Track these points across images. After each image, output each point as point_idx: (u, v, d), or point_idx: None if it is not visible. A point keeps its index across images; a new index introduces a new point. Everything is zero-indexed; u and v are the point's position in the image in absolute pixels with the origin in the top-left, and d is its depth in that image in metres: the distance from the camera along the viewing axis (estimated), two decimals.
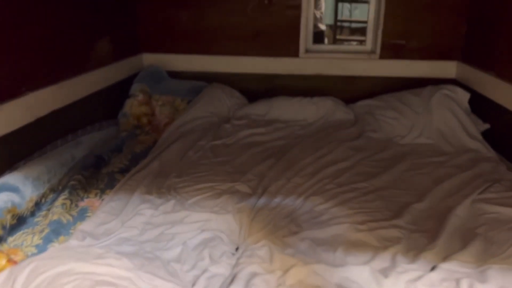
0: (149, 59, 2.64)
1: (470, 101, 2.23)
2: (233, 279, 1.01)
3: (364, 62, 2.62)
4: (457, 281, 1.04)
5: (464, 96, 2.20)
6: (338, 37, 4.55)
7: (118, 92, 2.36)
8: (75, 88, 1.91)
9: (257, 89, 2.61)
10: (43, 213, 1.45)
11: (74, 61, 1.92)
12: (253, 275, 1.02)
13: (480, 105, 2.19)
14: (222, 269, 1.07)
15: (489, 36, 2.17)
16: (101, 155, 1.87)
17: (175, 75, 2.61)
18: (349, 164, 1.75)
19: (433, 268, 1.10)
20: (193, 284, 1.01)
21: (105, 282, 0.92)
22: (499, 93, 2.02)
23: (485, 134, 2.10)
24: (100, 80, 2.13)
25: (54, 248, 1.13)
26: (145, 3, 2.56)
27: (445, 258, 1.14)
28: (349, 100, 2.53)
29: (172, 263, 1.10)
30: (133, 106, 2.34)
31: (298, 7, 2.56)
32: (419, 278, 1.04)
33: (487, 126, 2.11)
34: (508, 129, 1.96)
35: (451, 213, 1.36)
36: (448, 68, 2.54)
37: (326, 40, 4.17)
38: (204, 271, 1.06)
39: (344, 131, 2.15)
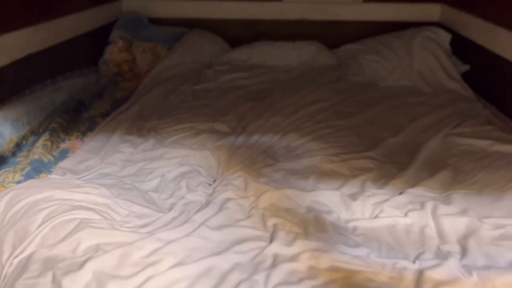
0: (129, 5, 2.57)
1: (453, 44, 2.23)
2: (208, 204, 1.05)
3: (348, 6, 2.58)
4: (422, 204, 1.09)
5: (445, 38, 2.20)
6: None
7: (98, 39, 2.32)
8: (52, 32, 1.87)
9: (240, 36, 2.57)
10: (24, 153, 1.46)
11: (50, 3, 1.88)
12: (227, 200, 1.07)
13: (462, 47, 2.20)
14: (198, 197, 1.11)
15: None
16: (82, 100, 1.87)
17: (155, 21, 2.56)
18: (328, 104, 1.77)
19: (400, 194, 1.15)
20: (170, 210, 1.05)
21: (82, 207, 0.96)
22: (480, 34, 2.03)
23: (465, 75, 2.12)
24: (78, 25, 2.09)
25: (33, 179, 1.16)
26: None
27: (413, 185, 1.19)
28: (332, 45, 2.51)
29: (150, 193, 1.14)
30: (114, 52, 2.31)
31: None
32: (385, 200, 1.09)
33: (466, 67, 2.13)
34: (488, 69, 1.98)
35: (423, 146, 1.40)
36: (432, 11, 2.52)
37: None
38: (181, 198, 1.10)
39: (326, 75, 2.16)
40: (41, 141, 1.51)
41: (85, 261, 0.82)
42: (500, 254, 0.92)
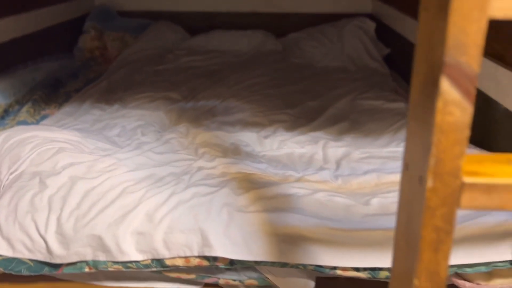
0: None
1: (379, 32, 2.64)
2: (155, 141, 1.41)
3: (294, 0, 2.98)
4: (317, 141, 1.47)
5: (371, 26, 2.61)
6: None
7: (73, 29, 2.65)
8: (32, 21, 2.20)
9: (199, 26, 2.93)
10: (11, 117, 1.79)
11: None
12: (171, 138, 1.43)
13: (386, 34, 2.60)
14: (149, 139, 1.46)
15: None
16: (59, 78, 2.20)
17: (124, 14, 2.90)
18: (266, 79, 2.15)
19: (303, 135, 1.52)
20: (125, 147, 1.40)
21: (59, 141, 1.30)
22: (399, 24, 2.43)
23: (388, 57, 2.53)
24: (55, 15, 2.43)
25: (21, 125, 1.49)
26: None
27: (316, 131, 1.57)
28: (280, 34, 2.89)
29: (112, 137, 1.49)
30: (87, 41, 2.64)
31: None
32: (289, 138, 1.47)
33: (387, 50, 2.53)
34: (402, 51, 2.39)
35: (332, 106, 1.79)
36: (365, 4, 2.93)
37: None
38: (136, 140, 1.45)
39: (270, 57, 2.54)
40: (25, 108, 1.84)
41: (62, 170, 1.16)
42: (360, 167, 1.31)
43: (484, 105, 1.41)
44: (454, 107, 0.50)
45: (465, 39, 0.47)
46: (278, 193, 1.11)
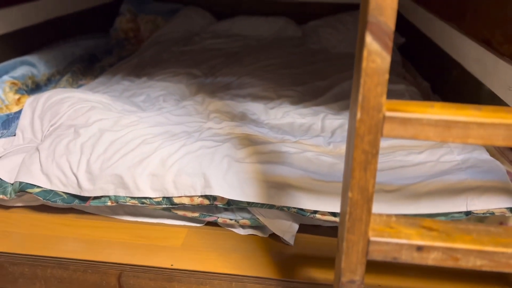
0: None
1: (396, 22, 2.74)
2: (173, 106, 1.61)
3: None
4: (317, 114, 1.63)
5: None
6: None
7: (110, 11, 2.89)
8: (75, 1, 2.45)
9: (225, 12, 3.12)
10: (53, 85, 2.04)
11: None
12: (188, 105, 1.63)
13: (401, 25, 2.71)
14: (169, 105, 1.67)
15: None
16: (95, 54, 2.45)
17: (157, 0, 3.13)
18: (281, 61, 2.31)
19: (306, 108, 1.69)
20: (148, 110, 1.60)
21: (92, 101, 1.52)
22: (413, 15, 2.54)
23: (402, 47, 2.64)
24: None
25: (60, 89, 1.73)
26: None
27: (318, 105, 1.73)
28: (301, 21, 3.05)
29: (138, 103, 1.70)
30: (122, 22, 2.88)
31: None
32: (293, 110, 1.64)
33: (403, 40, 2.65)
34: (416, 42, 2.50)
35: (338, 86, 1.94)
36: None
37: None
38: (158, 105, 1.66)
39: (289, 42, 2.70)
40: (64, 78, 2.09)
41: (93, 123, 1.38)
42: None
43: (472, 86, 1.53)
44: (375, 56, 0.66)
45: (382, 3, 0.64)
46: (272, 149, 1.29)
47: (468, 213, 1.08)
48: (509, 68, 1.25)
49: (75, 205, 1.28)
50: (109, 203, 1.24)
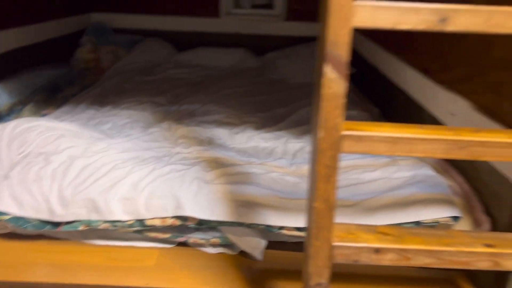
0: (96, 17, 3.21)
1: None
2: (141, 133, 1.67)
3: (273, 24, 3.30)
4: (279, 138, 1.74)
5: None
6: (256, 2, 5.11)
7: (71, 42, 2.92)
8: (37, 32, 2.47)
9: (186, 43, 3.23)
10: (15, 115, 2.04)
11: (34, 10, 2.48)
12: (155, 131, 1.69)
13: (353, 56, 2.91)
14: (136, 132, 1.72)
15: None
16: (57, 84, 2.46)
17: (118, 31, 3.19)
18: (243, 90, 2.43)
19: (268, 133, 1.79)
20: (116, 137, 1.65)
21: (60, 129, 1.55)
22: (362, 48, 2.76)
23: (354, 76, 2.84)
24: (56, 29, 2.70)
25: (27, 117, 1.74)
26: None
27: (280, 130, 1.84)
28: (261, 53, 3.21)
29: (105, 130, 1.74)
30: (83, 53, 2.92)
31: None
32: (256, 135, 1.74)
33: (354, 70, 2.85)
34: (366, 72, 2.71)
35: (296, 113, 2.07)
36: None
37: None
38: (125, 132, 1.71)
39: (249, 73, 2.83)
40: (27, 108, 2.09)
41: (63, 150, 1.41)
42: None
43: (416, 112, 1.70)
44: (333, 83, 0.77)
45: (338, 39, 0.76)
46: (239, 171, 1.37)
47: (417, 223, 1.20)
48: (446, 95, 1.42)
49: (46, 231, 1.30)
50: (81, 228, 1.26)
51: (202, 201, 1.24)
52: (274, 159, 1.57)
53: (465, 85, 1.34)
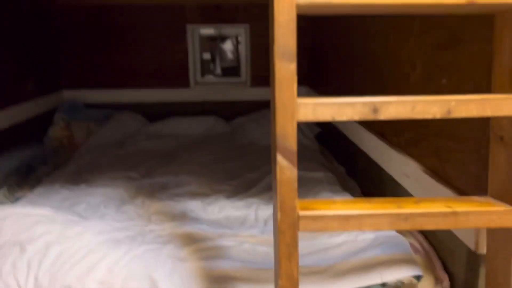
0: (68, 94, 3.31)
1: None
2: (114, 212, 1.71)
3: (240, 90, 3.47)
4: (250, 205, 1.81)
5: None
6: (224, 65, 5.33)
7: (43, 121, 2.99)
8: (7, 116, 2.53)
9: (158, 114, 3.34)
10: None
11: (6, 94, 2.55)
12: (129, 209, 1.73)
13: None
14: (110, 211, 1.76)
15: (318, 72, 3.11)
16: (31, 164, 2.50)
17: (90, 106, 3.29)
18: (214, 157, 2.52)
19: (240, 201, 1.87)
20: (90, 218, 1.69)
21: (35, 215, 1.58)
22: None
23: (319, 135, 2.99)
24: (28, 111, 2.77)
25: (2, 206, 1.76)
26: (64, 51, 3.26)
27: (252, 197, 1.92)
28: (229, 118, 3.34)
29: (79, 212, 1.78)
30: (55, 131, 2.98)
31: (185, 52, 3.37)
32: (228, 204, 1.80)
33: (318, 129, 3.00)
34: (331, 131, 2.86)
35: (266, 177, 2.15)
36: (301, 92, 3.44)
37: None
38: (99, 212, 1.75)
39: (219, 138, 2.94)
40: (1, 192, 2.11)
41: (38, 237, 1.44)
42: None
43: (376, 172, 1.81)
44: (286, 170, 0.87)
45: (286, 132, 0.86)
46: (212, 245, 1.42)
47: (383, 284, 1.27)
48: (400, 158, 1.54)
49: None
50: None
51: (177, 279, 1.28)
52: (247, 228, 1.63)
53: (414, 149, 1.46)
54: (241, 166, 2.38)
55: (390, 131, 1.69)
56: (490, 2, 0.84)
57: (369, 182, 1.94)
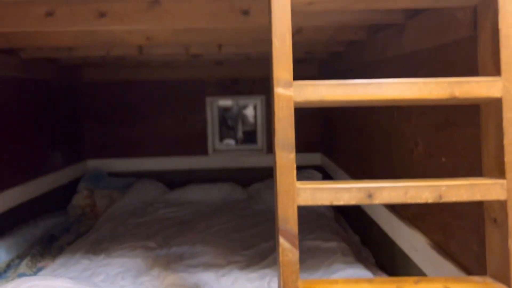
0: (92, 163, 3.47)
1: (325, 178, 3.19)
2: (132, 283, 1.76)
3: (256, 157, 3.58)
4: (263, 277, 1.83)
5: (317, 176, 3.16)
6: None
7: (68, 190, 3.13)
8: (36, 187, 2.68)
9: (178, 180, 3.45)
10: (12, 270, 2.13)
11: (35, 167, 2.72)
12: (146, 281, 1.78)
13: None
14: (128, 282, 1.81)
15: (332, 140, 3.21)
16: (54, 234, 2.59)
17: (113, 174, 3.43)
18: (230, 225, 2.57)
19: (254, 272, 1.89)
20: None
21: (55, 286, 1.65)
22: (337, 174, 2.99)
23: None
24: (54, 181, 2.92)
25: (24, 277, 1.83)
26: (88, 123, 3.47)
27: (265, 268, 1.94)
28: (246, 184, 3.42)
29: (98, 283, 1.83)
30: (79, 199, 3.10)
31: (205, 121, 3.55)
32: (242, 276, 1.83)
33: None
34: None
35: None
36: (315, 158, 3.54)
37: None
38: (117, 284, 1.80)
39: (236, 205, 3.01)
40: (24, 262, 2.19)
41: None
42: None
43: (388, 244, 1.83)
44: (288, 252, 0.93)
45: (287, 216, 0.93)
46: None
47: None
48: (407, 230, 1.57)
49: None
50: None
51: None
52: None
53: (421, 223, 1.50)
54: (256, 235, 2.42)
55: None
56: (470, 97, 0.92)
57: (382, 253, 1.95)
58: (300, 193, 0.93)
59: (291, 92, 0.94)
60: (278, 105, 0.93)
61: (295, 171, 0.96)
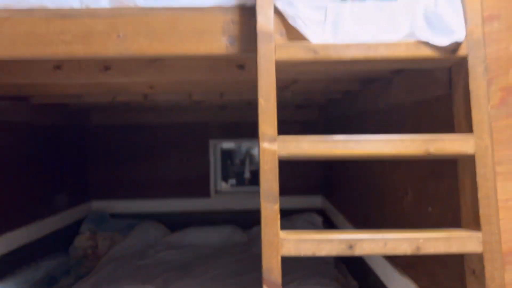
0: (96, 204, 3.52)
1: (325, 222, 3.19)
2: None
3: (258, 199, 3.60)
4: None
5: (318, 220, 3.17)
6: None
7: (71, 231, 3.16)
8: (38, 229, 2.72)
9: (179, 222, 3.47)
10: None
11: (38, 209, 2.77)
12: None
13: (330, 224, 3.15)
14: None
15: (332, 184, 3.25)
16: (54, 276, 2.62)
17: (116, 216, 3.47)
18: (228, 270, 2.58)
19: None
20: None
21: None
22: (336, 218, 3.00)
23: None
24: (58, 222, 2.96)
25: None
26: (94, 164, 3.55)
27: None
28: (248, 226, 3.44)
29: None
30: (81, 241, 3.13)
31: (207, 163, 3.61)
32: None
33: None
34: None
35: None
36: (316, 201, 3.56)
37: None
38: None
39: (235, 249, 3.01)
40: None
41: None
42: None
43: None
44: None
45: (271, 266, 0.96)
46: None
47: None
48: (400, 278, 1.58)
49: None
50: None
51: None
52: None
53: (412, 271, 1.51)
54: (254, 279, 2.41)
55: None
56: (444, 153, 0.97)
57: None
58: (284, 244, 0.97)
59: (276, 146, 1.00)
60: (263, 159, 0.99)
61: (279, 222, 1.00)
